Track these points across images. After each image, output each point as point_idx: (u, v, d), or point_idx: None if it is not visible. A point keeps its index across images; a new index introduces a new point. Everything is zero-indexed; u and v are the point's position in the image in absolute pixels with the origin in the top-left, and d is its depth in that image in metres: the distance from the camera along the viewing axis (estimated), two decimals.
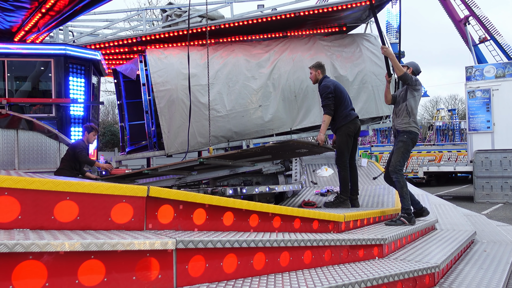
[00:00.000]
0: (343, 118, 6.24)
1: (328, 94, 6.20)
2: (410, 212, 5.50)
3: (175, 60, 9.82)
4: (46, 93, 9.13)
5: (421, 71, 6.32)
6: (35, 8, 7.84)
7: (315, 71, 6.51)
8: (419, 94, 5.99)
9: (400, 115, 5.83)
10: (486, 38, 27.07)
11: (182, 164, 6.53)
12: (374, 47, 11.02)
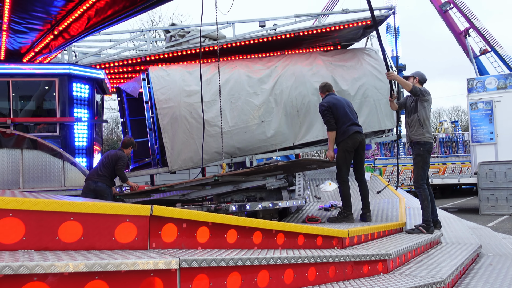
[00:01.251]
0: (341, 134, 6.35)
1: (323, 112, 6.43)
2: (429, 223, 5.91)
3: (177, 77, 9.90)
4: (50, 112, 9.20)
5: (427, 79, 6.42)
6: (47, 30, 7.92)
7: (320, 92, 6.89)
8: (429, 103, 6.13)
9: (413, 126, 6.03)
10: (486, 49, 27.20)
11: (197, 181, 6.64)
12: (374, 61, 11.08)
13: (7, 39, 8.17)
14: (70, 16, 7.33)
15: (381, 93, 10.72)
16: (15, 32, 7.89)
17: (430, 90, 6.16)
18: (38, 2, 6.92)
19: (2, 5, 6.78)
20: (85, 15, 7.27)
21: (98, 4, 6.88)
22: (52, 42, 8.33)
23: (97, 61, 10.23)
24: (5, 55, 8.94)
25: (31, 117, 9.24)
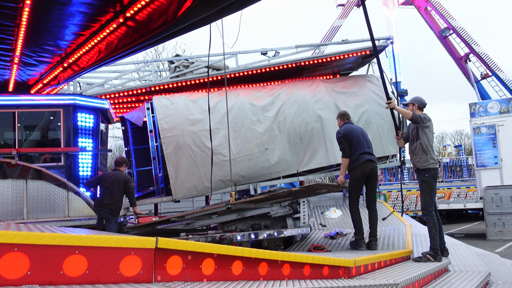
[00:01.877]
0: (352, 162, 6.62)
1: (339, 139, 6.76)
2: (437, 251, 5.88)
3: (181, 106, 9.99)
4: (55, 142, 9.25)
5: (426, 104, 6.47)
6: (56, 63, 8.03)
7: (338, 119, 7.20)
8: (430, 129, 6.16)
9: (417, 153, 6.07)
10: (487, 74, 27.37)
11: (209, 210, 6.65)
12: (376, 87, 11.16)
13: (17, 71, 8.29)
14: (80, 49, 7.45)
15: (384, 119, 10.76)
16: (25, 64, 8.01)
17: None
18: (50, 36, 7.04)
19: (16, 39, 6.90)
20: (96, 48, 7.38)
21: (108, 38, 7.00)
22: (61, 74, 8.44)
23: (102, 92, 10.36)
24: (13, 87, 9.06)
25: (36, 147, 9.28)
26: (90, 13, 6.34)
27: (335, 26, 30.23)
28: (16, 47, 7.19)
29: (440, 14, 28.88)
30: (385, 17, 31.09)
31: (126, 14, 6.31)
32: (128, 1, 6.08)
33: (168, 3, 5.94)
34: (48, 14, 6.32)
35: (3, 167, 8.20)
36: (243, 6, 5.77)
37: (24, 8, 5.96)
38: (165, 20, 6.17)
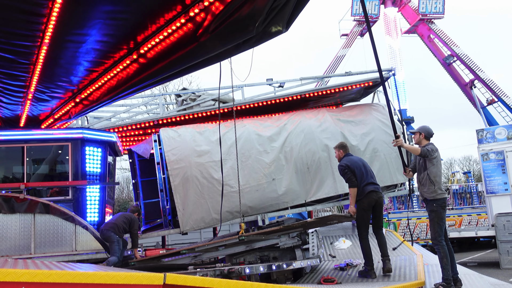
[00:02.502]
0: (358, 194, 6.74)
1: (343, 171, 6.91)
2: (449, 281, 5.84)
3: (188, 138, 10.05)
4: (63, 176, 9.29)
5: (433, 133, 6.48)
6: (68, 98, 8.15)
7: (338, 151, 7.31)
8: (438, 159, 6.16)
9: (425, 184, 6.07)
10: (493, 100, 27.40)
11: (221, 242, 6.62)
12: (382, 116, 11.19)
13: (29, 107, 8.42)
14: (93, 85, 7.58)
15: (391, 147, 10.69)
16: (38, 100, 8.13)
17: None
18: (64, 73, 7.18)
19: (31, 76, 7.03)
20: (108, 84, 7.50)
21: (121, 74, 7.11)
22: (72, 109, 8.55)
23: (110, 125, 10.48)
24: (25, 122, 9.18)
25: (44, 181, 9.32)
26: (104, 50, 6.48)
27: (339, 56, 30.58)
28: (31, 84, 7.31)
29: (443, 41, 29.18)
30: (388, 45, 31.41)
31: (139, 51, 6.42)
32: (142, 39, 6.20)
33: (182, 40, 6.05)
34: (65, 52, 6.45)
35: (12, 202, 8.24)
36: (258, 43, 5.88)
37: (42, 46, 6.09)
38: (179, 57, 6.28)
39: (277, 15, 5.24)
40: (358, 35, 31.38)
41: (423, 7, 29.59)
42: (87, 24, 5.82)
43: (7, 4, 5.14)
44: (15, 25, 5.64)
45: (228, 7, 5.34)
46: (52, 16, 5.38)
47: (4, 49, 6.15)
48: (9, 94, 7.71)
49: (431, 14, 29.74)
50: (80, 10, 5.47)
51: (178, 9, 5.69)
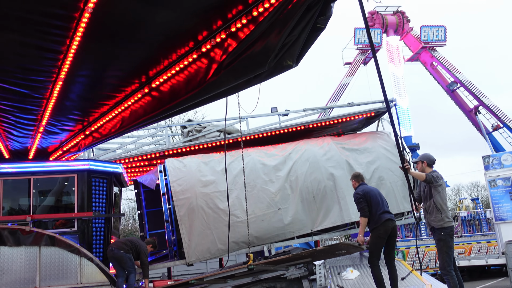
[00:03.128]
0: (374, 221, 6.85)
1: (358, 200, 7.03)
2: None
3: (194, 168, 10.07)
4: (68, 207, 9.31)
5: (435, 160, 6.50)
6: (78, 130, 8.25)
7: (352, 181, 7.60)
8: (443, 187, 6.17)
9: (431, 212, 6.08)
10: (499, 126, 27.40)
11: (230, 271, 6.57)
12: (387, 143, 11.19)
13: (39, 140, 8.52)
14: (103, 117, 7.69)
15: (397, 175, 10.69)
16: (48, 133, 8.24)
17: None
18: (76, 106, 7.30)
19: (44, 110, 7.14)
20: (119, 117, 7.60)
21: (132, 107, 7.23)
22: (82, 141, 8.64)
23: (116, 157, 10.55)
24: (34, 154, 9.27)
25: (50, 212, 9.34)
26: (116, 84, 6.60)
27: (343, 84, 30.85)
28: (43, 118, 7.42)
29: (446, 68, 29.42)
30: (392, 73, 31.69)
31: (151, 85, 6.54)
32: (153, 73, 6.32)
33: (194, 74, 6.17)
34: (78, 87, 6.58)
35: (17, 235, 8.25)
36: (269, 77, 6.00)
37: (57, 81, 6.22)
38: (191, 90, 6.38)
39: (288, 51, 5.36)
40: (361, 63, 31.72)
41: (425, 35, 29.99)
42: (103, 60, 5.97)
43: (26, 41, 5.30)
44: (32, 61, 5.81)
45: (241, 44, 5.48)
46: (70, 53, 5.55)
47: (19, 84, 6.29)
48: (20, 127, 7.83)
49: (433, 42, 30.11)
50: (98, 47, 5.62)
51: (190, 45, 5.82)
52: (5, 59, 5.74)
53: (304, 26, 5.04)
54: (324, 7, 4.96)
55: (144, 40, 5.67)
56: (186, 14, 5.23)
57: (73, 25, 5.06)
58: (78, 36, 5.22)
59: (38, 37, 5.28)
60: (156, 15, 5.14)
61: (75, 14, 4.89)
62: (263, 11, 5.12)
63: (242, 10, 5.24)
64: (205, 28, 5.55)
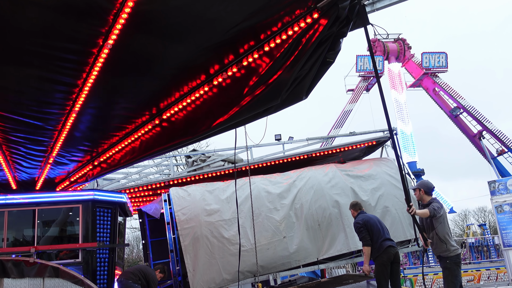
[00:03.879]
0: (376, 249, 6.91)
1: (359, 229, 7.14)
2: None
3: (198, 197, 10.06)
4: (73, 238, 9.26)
5: (434, 187, 6.47)
6: (86, 161, 8.29)
7: (351, 209, 7.74)
8: (443, 216, 6.15)
9: (436, 243, 6.05)
10: (503, 150, 27.32)
11: None
12: (392, 170, 11.17)
13: (48, 170, 8.56)
14: (113, 148, 7.74)
15: (402, 201, 10.58)
16: (57, 164, 8.28)
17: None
18: (87, 138, 7.38)
19: (55, 141, 7.21)
20: (128, 148, 7.66)
21: (142, 138, 7.29)
22: (90, 171, 8.67)
23: (121, 187, 10.58)
24: (41, 185, 9.30)
25: (54, 243, 9.28)
26: (127, 115, 6.68)
27: (346, 111, 31.01)
28: (54, 149, 7.47)
29: (448, 94, 29.57)
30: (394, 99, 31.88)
31: (162, 117, 6.62)
32: (164, 105, 6.41)
33: (205, 109, 6.26)
34: (91, 119, 6.66)
35: (21, 266, 8.18)
36: (279, 109, 6.08)
37: (71, 114, 6.31)
38: (201, 123, 6.47)
39: (299, 84, 5.47)
40: (363, 90, 31.97)
41: (426, 61, 30.28)
42: (117, 92, 6.08)
43: (44, 75, 5.41)
44: (48, 94, 5.90)
45: (259, 78, 5.59)
46: (86, 86, 5.66)
47: (33, 116, 6.38)
48: (30, 158, 7.89)
49: (434, 68, 30.37)
50: (113, 80, 5.73)
51: (202, 78, 5.94)
52: (22, 93, 5.85)
53: (314, 60, 5.16)
54: (334, 42, 5.09)
55: (159, 74, 5.79)
56: (199, 49, 5.35)
57: (91, 60, 5.18)
58: (96, 71, 5.33)
59: (56, 71, 5.39)
60: (172, 49, 5.27)
61: (93, 50, 5.01)
62: (274, 46, 5.24)
63: (253, 45, 5.36)
64: (217, 62, 5.66)
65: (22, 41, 4.78)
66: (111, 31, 4.68)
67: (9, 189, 9.15)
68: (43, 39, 4.78)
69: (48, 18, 4.51)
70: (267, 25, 5.06)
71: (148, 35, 4.95)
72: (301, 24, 4.95)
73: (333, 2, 4.66)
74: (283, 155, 11.64)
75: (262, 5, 4.69)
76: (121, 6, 4.34)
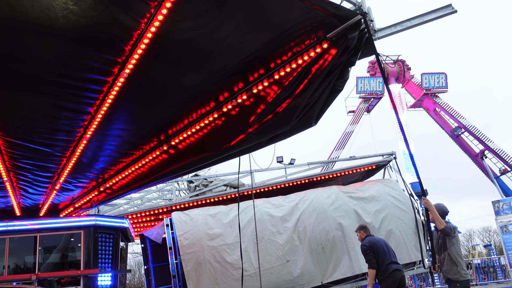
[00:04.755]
0: (382, 272, 7.00)
1: (365, 251, 7.24)
2: None
3: (200, 221, 10.00)
4: (74, 264, 9.17)
5: (448, 211, 6.39)
6: (91, 187, 8.29)
7: (359, 232, 7.80)
8: (457, 238, 6.11)
9: (447, 264, 5.99)
10: (506, 169, 27.17)
11: None
12: (394, 191, 11.12)
13: (54, 197, 8.55)
14: (119, 174, 7.75)
15: (406, 223, 10.55)
16: (62, 190, 8.28)
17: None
18: (94, 164, 7.39)
19: (63, 168, 7.22)
20: (134, 174, 7.67)
21: (149, 164, 7.31)
22: (95, 197, 8.67)
23: (123, 213, 10.55)
24: (45, 211, 9.26)
25: (56, 269, 9.18)
26: (136, 142, 6.73)
27: (347, 132, 31.05)
28: (61, 176, 7.48)
29: (449, 114, 29.61)
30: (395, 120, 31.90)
31: (170, 143, 6.66)
32: (172, 132, 6.46)
33: (213, 136, 6.30)
34: (100, 145, 6.70)
35: None
36: (289, 135, 6.20)
37: (81, 141, 6.35)
38: (211, 149, 6.50)
39: (309, 111, 5.62)
40: (364, 111, 32.06)
41: (426, 82, 30.43)
42: (128, 119, 6.15)
43: (58, 104, 5.48)
44: (61, 122, 5.98)
45: (269, 105, 5.69)
46: (99, 114, 5.73)
47: (44, 143, 6.41)
48: (37, 185, 7.92)
49: (434, 88, 30.50)
50: (126, 108, 5.80)
51: (211, 105, 6.02)
52: (35, 120, 5.92)
53: (324, 88, 5.32)
54: (343, 71, 5.25)
55: (171, 101, 5.90)
56: (212, 77, 5.47)
57: (105, 89, 5.28)
58: (110, 99, 5.43)
59: (70, 100, 5.49)
60: (186, 78, 5.39)
61: (109, 79, 5.12)
62: (284, 74, 5.37)
63: (263, 73, 5.48)
64: (227, 90, 5.78)
65: (41, 70, 4.89)
66: (128, 61, 4.79)
67: (13, 216, 9.12)
68: (61, 68, 4.90)
69: (68, 49, 4.63)
70: (277, 54, 5.20)
71: (164, 64, 5.07)
72: (311, 54, 5.09)
73: (343, 32, 4.80)
74: (285, 179, 11.82)
75: (275, 36, 4.84)
76: (139, 37, 4.47)
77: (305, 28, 4.79)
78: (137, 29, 4.40)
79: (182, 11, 4.26)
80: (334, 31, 4.79)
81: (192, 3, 4.25)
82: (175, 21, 4.35)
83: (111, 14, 4.23)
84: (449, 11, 17.42)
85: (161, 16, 4.23)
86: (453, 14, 20.42)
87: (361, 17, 4.69)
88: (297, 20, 4.64)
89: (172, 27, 4.44)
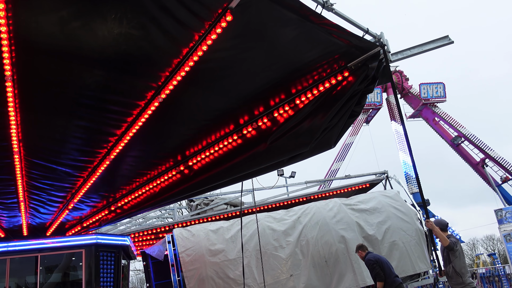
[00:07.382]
0: (389, 284, 7.38)
1: (372, 266, 7.63)
2: None
3: (202, 237, 9.94)
4: (75, 283, 9.09)
5: (447, 223, 6.49)
6: (101, 206, 8.27)
7: (358, 252, 8.16)
8: (460, 251, 6.18)
9: (452, 277, 6.12)
10: (507, 177, 27.14)
11: None
12: (396, 202, 11.05)
13: (64, 216, 8.52)
14: (131, 195, 7.73)
15: (409, 234, 10.46)
16: (74, 209, 8.26)
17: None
18: (110, 184, 7.39)
19: (78, 189, 7.22)
20: (146, 194, 7.66)
21: (162, 184, 7.33)
22: (104, 217, 8.63)
23: (127, 231, 10.53)
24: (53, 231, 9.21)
25: None
26: (154, 162, 6.77)
27: (347, 144, 31.08)
28: (76, 195, 7.46)
29: (448, 123, 29.66)
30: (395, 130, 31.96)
31: (188, 163, 6.71)
32: (189, 153, 6.52)
33: (229, 157, 6.35)
34: (120, 166, 6.71)
35: None
36: (309, 156, 6.37)
37: (104, 162, 6.35)
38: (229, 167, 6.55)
39: (328, 134, 5.82)
40: (363, 122, 32.13)
41: (424, 92, 30.54)
42: (152, 141, 6.19)
43: (89, 126, 5.58)
44: (89, 144, 6.04)
45: (287, 124, 5.81)
46: (128, 135, 5.78)
47: (67, 164, 6.42)
48: (49, 204, 7.90)
49: (433, 98, 30.60)
50: (152, 130, 5.86)
51: (231, 128, 6.13)
52: (64, 142, 5.96)
53: (343, 113, 5.57)
54: (361, 97, 5.50)
55: (195, 123, 6.00)
56: (238, 101, 5.62)
57: (136, 112, 5.38)
58: (141, 122, 5.52)
59: (103, 122, 5.58)
60: (214, 101, 5.53)
61: (141, 103, 5.22)
62: (304, 100, 5.55)
63: (284, 98, 5.66)
64: (247, 113, 5.91)
65: (81, 94, 4.99)
66: (166, 86, 4.92)
67: (20, 236, 9.06)
68: (100, 93, 4.99)
69: (110, 75, 4.74)
70: (299, 81, 5.42)
71: (195, 88, 5.19)
72: (332, 81, 5.32)
73: (363, 61, 5.07)
74: (287, 197, 12.35)
75: (300, 66, 5.10)
76: (179, 65, 4.63)
77: (327, 59, 5.05)
78: (178, 57, 4.56)
79: (223, 41, 4.40)
80: (356, 60, 5.07)
81: (232, 36, 4.41)
82: (214, 50, 4.50)
83: (158, 44, 4.37)
84: (446, 42, 18.74)
85: (205, 46, 4.38)
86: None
87: (381, 48, 4.99)
88: (321, 52, 4.91)
89: (211, 56, 4.58)
